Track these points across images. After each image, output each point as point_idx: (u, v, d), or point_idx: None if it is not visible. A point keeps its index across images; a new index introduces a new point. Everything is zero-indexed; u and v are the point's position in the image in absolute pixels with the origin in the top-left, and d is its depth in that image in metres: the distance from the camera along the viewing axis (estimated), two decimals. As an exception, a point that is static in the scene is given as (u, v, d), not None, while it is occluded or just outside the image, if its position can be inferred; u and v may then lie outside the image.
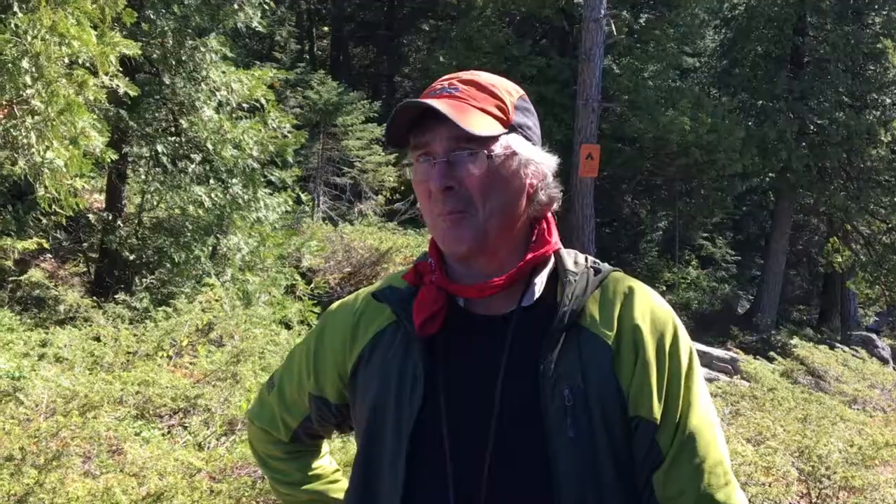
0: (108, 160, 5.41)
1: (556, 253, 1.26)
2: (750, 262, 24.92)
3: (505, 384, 1.17)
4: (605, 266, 1.28)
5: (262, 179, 7.41)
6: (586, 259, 1.28)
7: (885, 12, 17.71)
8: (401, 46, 23.01)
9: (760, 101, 18.61)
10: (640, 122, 15.10)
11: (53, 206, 4.93)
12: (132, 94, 5.50)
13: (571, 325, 1.18)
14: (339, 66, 23.02)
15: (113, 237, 7.13)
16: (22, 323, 5.36)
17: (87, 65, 4.88)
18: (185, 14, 6.76)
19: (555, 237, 1.27)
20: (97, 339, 5.12)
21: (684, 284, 20.64)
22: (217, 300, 5.79)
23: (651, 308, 1.23)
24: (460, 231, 1.17)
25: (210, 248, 7.10)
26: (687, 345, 1.23)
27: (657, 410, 1.16)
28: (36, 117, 4.49)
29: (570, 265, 1.24)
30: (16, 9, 4.41)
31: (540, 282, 1.24)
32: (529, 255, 1.22)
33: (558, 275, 1.24)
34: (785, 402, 6.31)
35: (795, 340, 10.30)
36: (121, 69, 5.37)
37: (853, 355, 9.33)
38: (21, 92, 4.44)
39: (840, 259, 18.98)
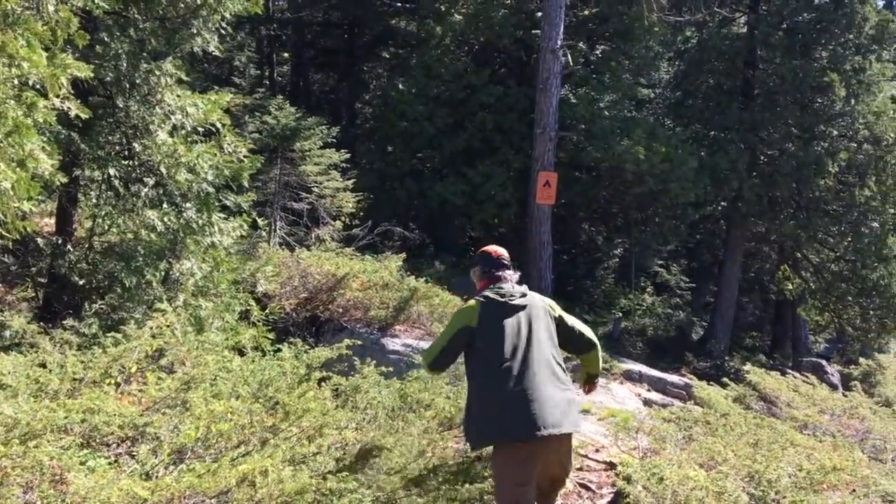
0: (58, 183, 5.31)
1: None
2: (704, 289, 25.29)
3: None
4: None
5: (217, 204, 7.33)
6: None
7: (831, 47, 18.23)
8: (361, 73, 23.08)
9: (713, 132, 18.98)
10: (596, 151, 15.30)
11: (0, 230, 4.81)
12: (84, 116, 5.41)
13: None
14: (300, 91, 22.99)
15: (62, 261, 6.97)
16: (-36, 349, 5.19)
17: (38, 87, 4.81)
18: (140, 37, 6.70)
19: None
20: (43, 365, 4.98)
21: (640, 311, 20.87)
22: (168, 326, 5.68)
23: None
24: None
25: (162, 273, 6.97)
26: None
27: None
28: (-18, 139, 4.39)
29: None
30: (-37, 29, 4.33)
31: None
32: None
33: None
34: (737, 428, 6.38)
35: (748, 366, 10.42)
36: (72, 92, 5.29)
37: (804, 381, 9.50)
38: (-33, 113, 4.34)
39: (791, 286, 19.41)
